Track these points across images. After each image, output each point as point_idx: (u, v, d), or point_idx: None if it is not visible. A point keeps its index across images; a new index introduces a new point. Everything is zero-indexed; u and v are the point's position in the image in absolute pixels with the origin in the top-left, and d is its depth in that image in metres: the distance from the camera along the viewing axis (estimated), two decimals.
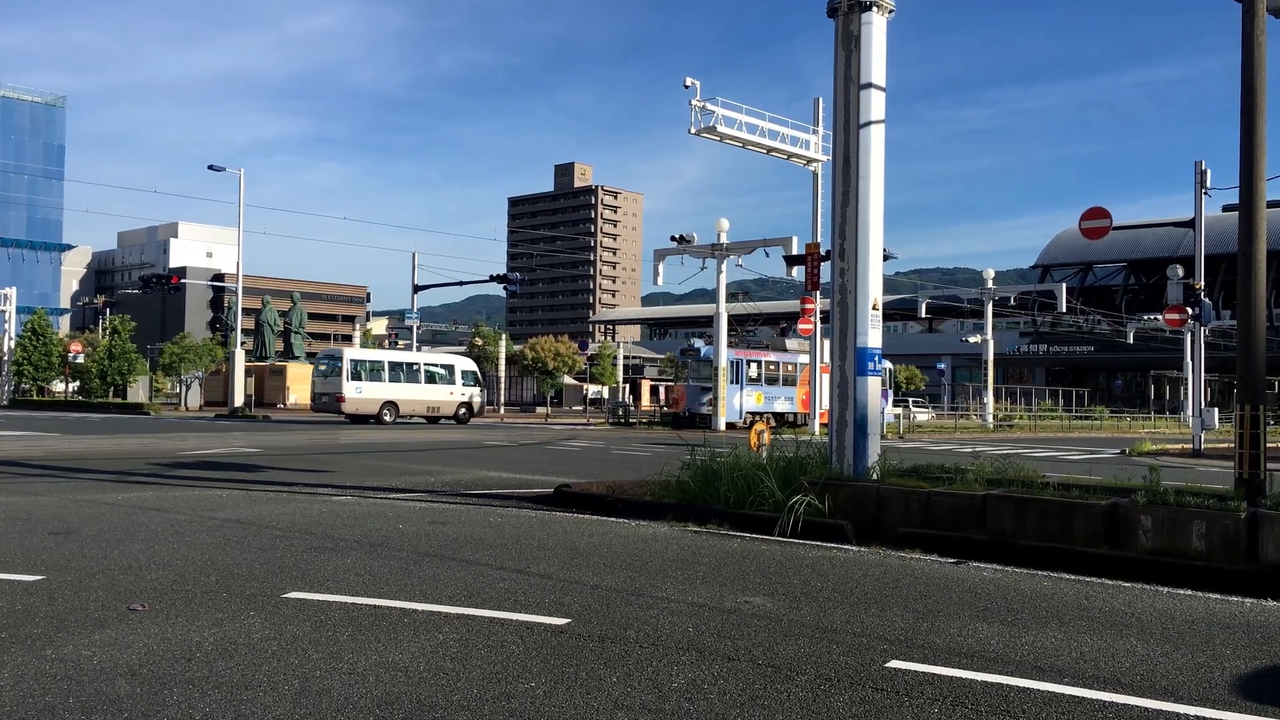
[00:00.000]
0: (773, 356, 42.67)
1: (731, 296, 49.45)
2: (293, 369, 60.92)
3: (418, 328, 49.32)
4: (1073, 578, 7.99)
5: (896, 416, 40.98)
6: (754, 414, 40.91)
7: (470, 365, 42.99)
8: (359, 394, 38.09)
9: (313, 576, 7.34)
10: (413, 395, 39.75)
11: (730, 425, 38.73)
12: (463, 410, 41.32)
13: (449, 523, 10.38)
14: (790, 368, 42.83)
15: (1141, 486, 9.29)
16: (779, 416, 41.64)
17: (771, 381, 42.14)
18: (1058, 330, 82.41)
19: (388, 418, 38.57)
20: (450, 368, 41.77)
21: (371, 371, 39.04)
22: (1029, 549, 8.68)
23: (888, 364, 52.35)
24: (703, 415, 39.28)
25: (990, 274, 51.80)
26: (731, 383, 40.64)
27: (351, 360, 38.30)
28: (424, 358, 42.33)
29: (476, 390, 42.22)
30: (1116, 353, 76.31)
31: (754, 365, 41.81)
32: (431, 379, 40.96)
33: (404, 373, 39.91)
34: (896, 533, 9.55)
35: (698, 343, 43.20)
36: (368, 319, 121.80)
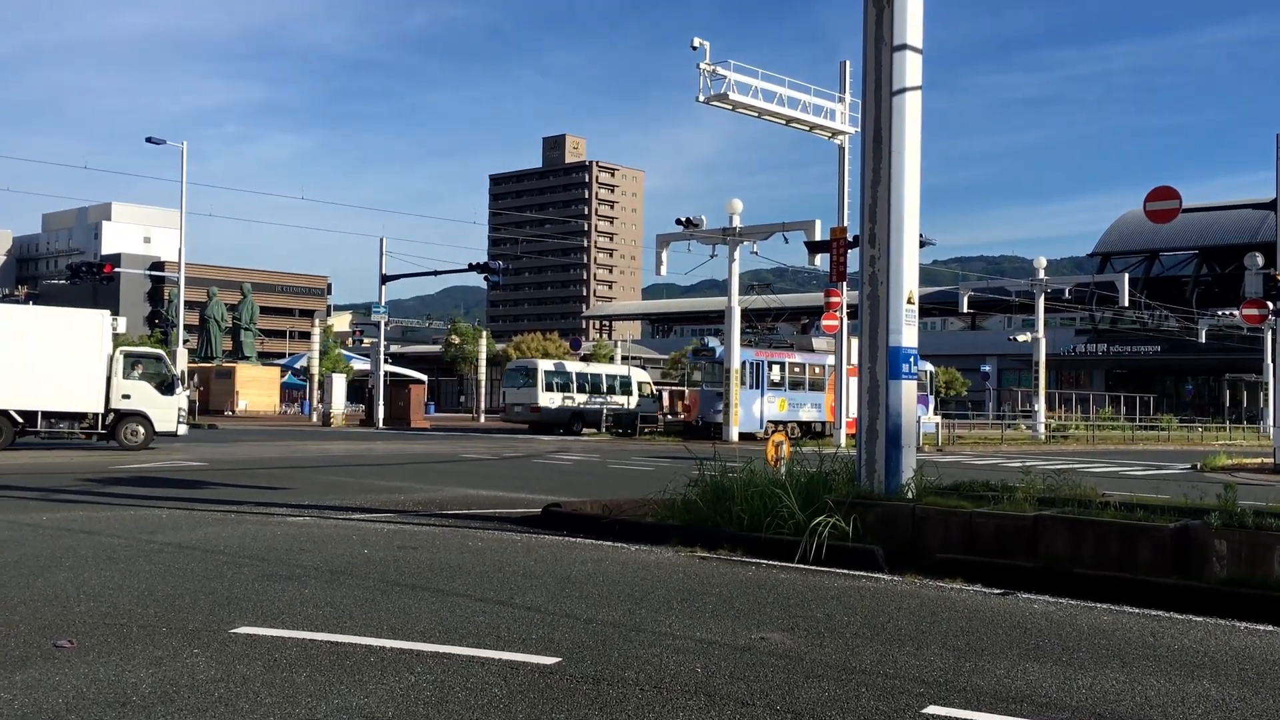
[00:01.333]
0: (798, 358, 42.54)
1: (748, 289, 49.44)
2: (243, 370, 61.02)
3: (386, 323, 49.34)
4: (1136, 611, 8.00)
5: (936, 426, 40.97)
6: (776, 423, 40.88)
7: (645, 376, 48.90)
8: (552, 405, 44.67)
9: (265, 608, 7.34)
10: (597, 406, 45.50)
11: (748, 436, 38.68)
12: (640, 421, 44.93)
13: (421, 547, 10.39)
14: (818, 370, 42.67)
15: (1215, 507, 9.29)
16: (804, 426, 41.59)
17: (796, 386, 42.06)
18: (1119, 328, 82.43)
19: (576, 428, 44.12)
20: (627, 379, 47.95)
21: (562, 383, 45.42)
22: (1086, 578, 8.68)
23: (928, 366, 52.35)
24: (718, 424, 39.26)
25: (1042, 263, 51.81)
26: (750, 387, 40.62)
27: (545, 371, 45.24)
28: (605, 369, 49.44)
29: (650, 401, 47.50)
30: (1186, 353, 76.29)
31: (776, 367, 41.77)
32: (612, 390, 46.30)
33: (589, 383, 46.18)
34: (934, 559, 9.55)
35: (712, 341, 43.11)
36: (329, 313, 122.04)
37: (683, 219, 38.77)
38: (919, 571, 9.39)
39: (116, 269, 58.76)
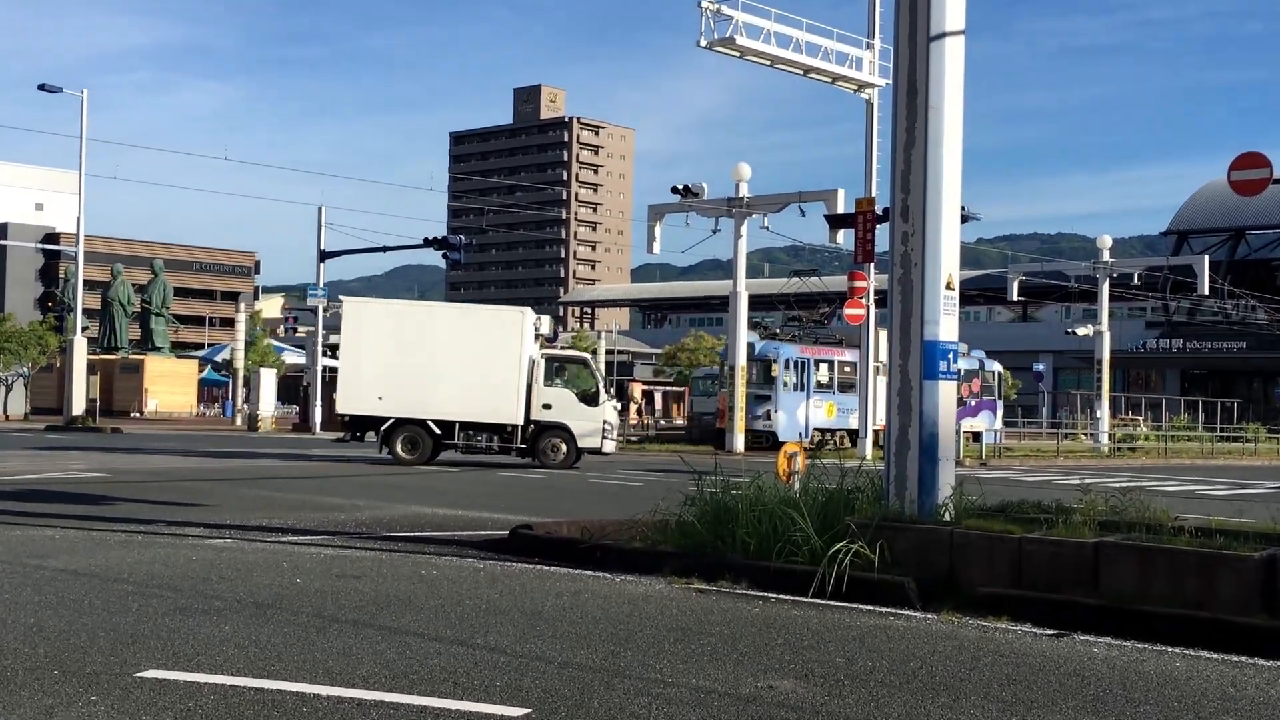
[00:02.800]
0: (849, 356, 42.59)
1: (753, 270, 49.43)
2: (153, 364, 60.86)
3: (325, 309, 49.26)
4: (1215, 656, 8.03)
5: (998, 435, 41.02)
6: (825, 431, 41.11)
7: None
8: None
9: (178, 648, 7.33)
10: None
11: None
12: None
13: (365, 576, 10.38)
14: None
15: None
16: (855, 435, 41.81)
17: (848, 388, 42.22)
18: (1197, 320, 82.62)
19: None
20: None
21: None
22: (1155, 617, 8.71)
23: (996, 365, 52.36)
24: (757, 432, 39.70)
25: (1106, 242, 51.96)
26: (794, 389, 41.08)
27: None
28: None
29: None
30: (1277, 351, 76.60)
31: (824, 366, 42.12)
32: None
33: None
34: (975, 593, 9.57)
35: (750, 335, 43.30)
36: (257, 296, 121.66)
37: (680, 187, 38.78)
38: (957, 608, 9.41)
39: (2, 241, 58.42)
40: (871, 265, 34.72)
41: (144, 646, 7.36)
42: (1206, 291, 51.93)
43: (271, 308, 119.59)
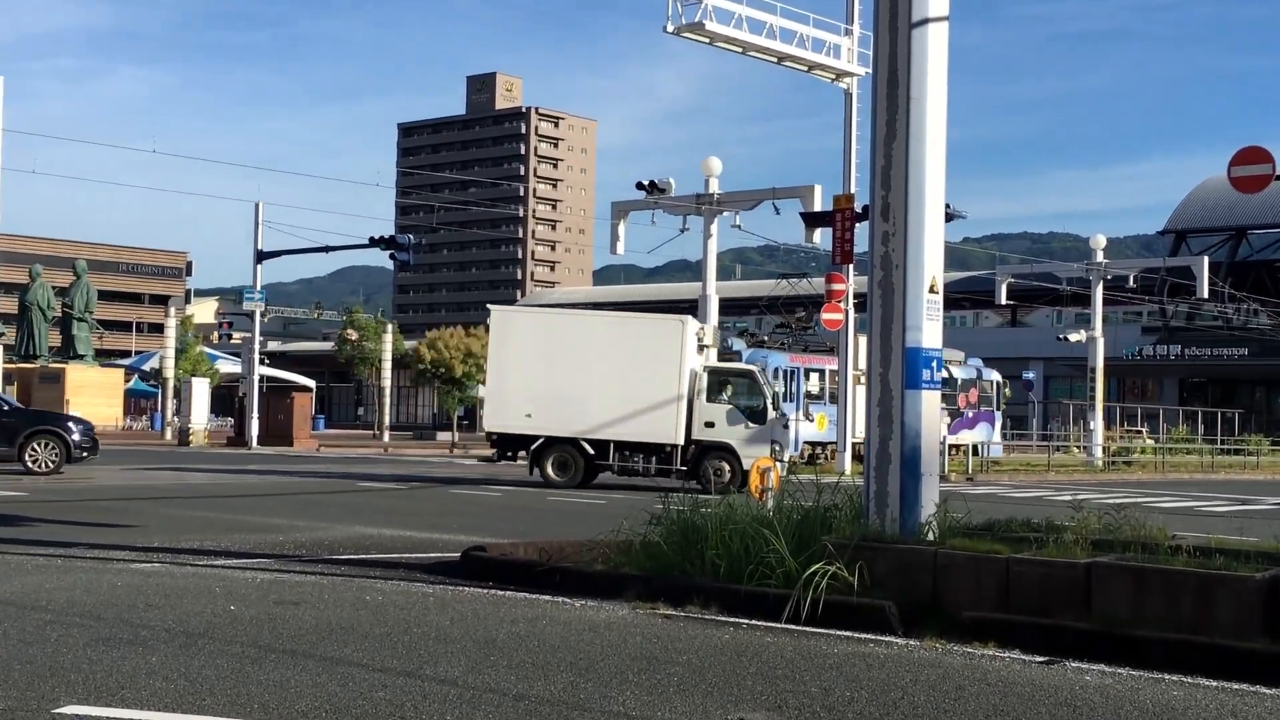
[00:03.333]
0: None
1: (725, 271, 49.37)
2: (75, 373, 60.28)
3: (263, 314, 49.02)
4: (1214, 684, 8.10)
5: (986, 446, 41.15)
6: (816, 445, 41.22)
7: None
8: None
9: (101, 682, 7.27)
10: None
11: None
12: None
13: (305, 603, 10.34)
14: None
15: None
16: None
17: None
18: (1196, 325, 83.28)
19: None
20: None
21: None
22: (1151, 642, 8.77)
23: (995, 375, 52.63)
24: None
25: (1101, 242, 52.36)
26: (783, 400, 40.99)
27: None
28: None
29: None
30: None
31: (815, 376, 42.27)
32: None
33: None
34: (961, 617, 9.61)
35: (736, 343, 43.41)
36: (188, 300, 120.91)
37: (646, 183, 38.78)
38: (941, 633, 9.45)
39: None
40: (850, 267, 34.78)
41: (63, 680, 7.29)
42: (1206, 294, 52.30)
43: (204, 312, 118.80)
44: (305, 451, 44.45)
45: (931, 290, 11.81)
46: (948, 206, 28.44)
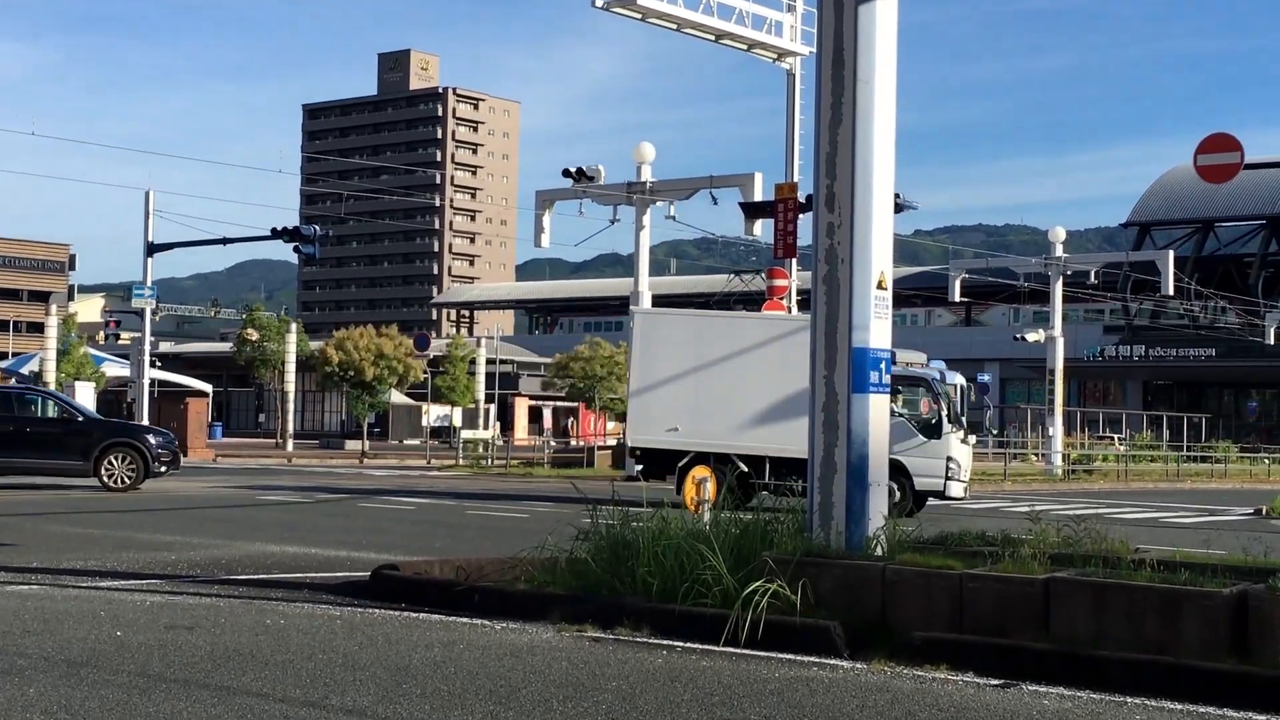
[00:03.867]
0: None
1: (659, 266, 49.46)
2: None
3: (153, 312, 48.44)
4: (1179, 707, 8.19)
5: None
6: None
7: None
8: None
9: None
10: None
11: None
12: None
13: (199, 627, 10.25)
14: None
15: None
16: None
17: None
18: (1161, 324, 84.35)
19: None
20: None
21: None
22: (1112, 663, 8.86)
23: (958, 379, 52.72)
24: None
25: (1060, 235, 52.91)
26: None
27: None
28: None
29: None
30: (1250, 359, 78.17)
31: None
32: None
33: None
34: (911, 638, 9.66)
35: None
36: (71, 297, 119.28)
37: (573, 170, 38.77)
38: (890, 655, 9.49)
39: None
40: (794, 261, 34.98)
41: None
42: (1171, 291, 53.01)
43: (89, 310, 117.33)
44: (201, 462, 44.05)
45: (880, 286, 11.88)
46: (898, 196, 28.79)
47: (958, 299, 58.20)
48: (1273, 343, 68.25)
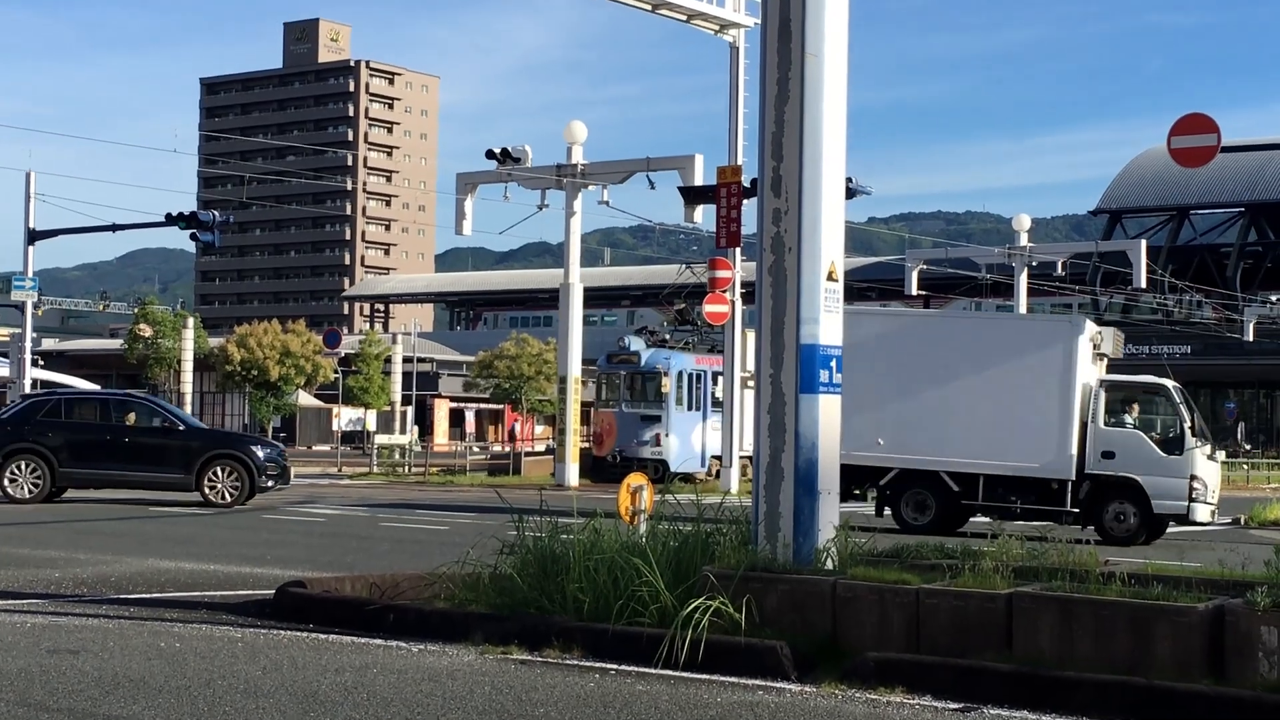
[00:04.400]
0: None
1: (591, 255, 49.52)
2: None
3: (35, 305, 47.84)
4: None
5: None
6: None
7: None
8: None
9: None
10: None
11: (687, 477, 38.97)
12: None
13: (86, 651, 10.14)
14: None
15: (1263, 579, 9.62)
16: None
17: None
18: (1133, 318, 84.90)
19: None
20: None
21: None
22: (1081, 684, 8.90)
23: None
24: (644, 459, 39.99)
25: (1025, 223, 53.38)
26: (688, 408, 41.77)
27: None
28: None
29: None
30: (1228, 356, 78.81)
31: (723, 380, 42.48)
32: None
33: None
34: (864, 659, 9.68)
35: (633, 343, 43.40)
36: None
37: (497, 151, 38.68)
38: (842, 678, 9.50)
39: None
40: (737, 250, 35.01)
41: None
42: (1144, 284, 53.55)
43: None
44: None
45: (830, 278, 11.89)
46: (849, 180, 28.83)
47: (915, 292, 58.56)
48: (1252, 339, 68.86)
